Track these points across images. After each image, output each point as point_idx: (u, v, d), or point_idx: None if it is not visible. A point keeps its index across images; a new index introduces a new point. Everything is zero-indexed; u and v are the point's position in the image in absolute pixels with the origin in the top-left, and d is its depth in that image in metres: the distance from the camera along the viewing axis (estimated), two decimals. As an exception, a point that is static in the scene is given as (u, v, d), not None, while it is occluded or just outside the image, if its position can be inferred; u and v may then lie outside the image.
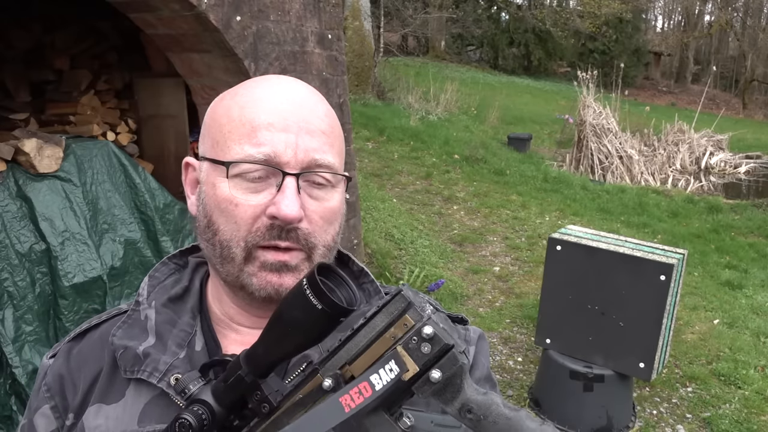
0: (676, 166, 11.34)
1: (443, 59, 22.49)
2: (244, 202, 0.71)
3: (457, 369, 0.52)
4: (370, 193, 6.74)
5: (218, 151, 0.73)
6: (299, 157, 0.70)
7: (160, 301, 0.80)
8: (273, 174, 0.70)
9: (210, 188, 0.73)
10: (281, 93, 0.73)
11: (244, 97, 0.74)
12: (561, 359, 3.37)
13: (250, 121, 0.71)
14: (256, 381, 0.62)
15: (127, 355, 0.75)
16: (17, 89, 3.45)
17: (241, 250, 0.72)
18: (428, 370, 0.52)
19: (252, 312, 0.79)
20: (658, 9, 36.59)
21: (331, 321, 0.57)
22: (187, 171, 0.81)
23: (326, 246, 0.75)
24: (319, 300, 0.55)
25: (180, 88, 3.89)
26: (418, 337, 0.52)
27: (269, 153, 0.69)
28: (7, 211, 2.66)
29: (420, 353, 0.52)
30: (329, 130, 0.74)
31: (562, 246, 3.34)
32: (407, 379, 0.52)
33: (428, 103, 11.88)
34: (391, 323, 0.54)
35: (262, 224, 0.71)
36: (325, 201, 0.74)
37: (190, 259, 0.86)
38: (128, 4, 2.69)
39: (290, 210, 0.69)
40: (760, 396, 3.80)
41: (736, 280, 5.75)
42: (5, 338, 2.52)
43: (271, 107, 0.71)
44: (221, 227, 0.72)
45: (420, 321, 0.53)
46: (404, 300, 0.54)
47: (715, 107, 22.33)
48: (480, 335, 0.89)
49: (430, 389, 0.52)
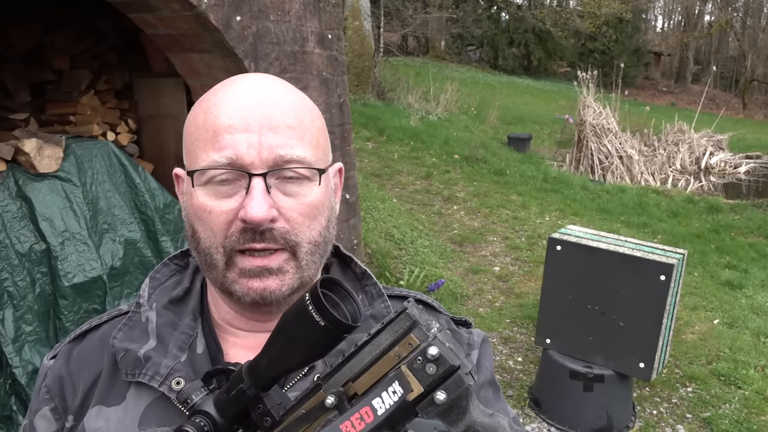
0: (676, 166, 11.34)
1: (443, 59, 22.49)
2: (216, 208, 0.70)
3: (463, 391, 0.51)
4: (370, 193, 6.74)
5: (189, 160, 0.73)
6: (264, 155, 0.69)
7: (161, 303, 0.79)
8: (240, 177, 0.69)
9: (188, 198, 0.74)
10: (243, 92, 0.72)
11: (208, 102, 0.73)
12: (561, 359, 3.37)
13: (212, 126, 0.70)
14: (258, 394, 0.61)
15: (128, 358, 0.75)
16: (17, 89, 3.44)
17: (221, 255, 0.71)
18: (433, 391, 0.51)
19: (247, 316, 0.78)
20: (658, 9, 36.61)
21: (334, 337, 0.56)
22: (178, 182, 0.80)
23: (312, 242, 0.73)
24: (322, 317, 0.54)
25: (180, 88, 3.89)
26: (423, 357, 0.51)
27: (231, 156, 0.68)
28: (7, 211, 2.66)
29: (425, 374, 0.51)
30: (297, 123, 0.71)
31: (562, 246, 3.34)
32: (411, 399, 0.51)
33: (428, 103, 11.88)
34: (396, 342, 0.53)
35: (236, 228, 0.70)
36: (302, 196, 0.71)
37: (191, 261, 0.86)
38: (128, 4, 2.69)
39: (257, 212, 0.67)
40: (760, 396, 3.80)
41: (736, 280, 5.74)
42: (5, 338, 2.52)
43: (231, 108, 0.70)
44: (201, 235, 0.72)
45: (425, 341, 0.51)
46: (409, 318, 0.53)
47: (715, 107, 22.34)
48: (483, 339, 0.88)
49: (434, 410, 0.51)
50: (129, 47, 3.90)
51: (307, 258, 0.73)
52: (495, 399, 0.84)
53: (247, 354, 0.78)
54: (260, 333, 0.79)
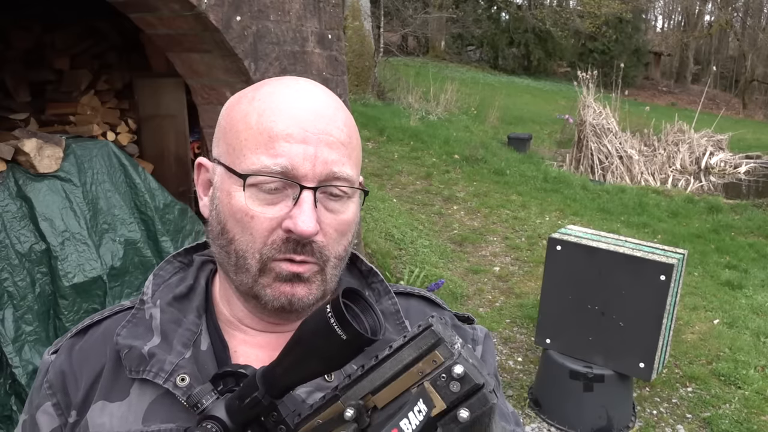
0: (676, 166, 11.34)
1: (443, 59, 22.50)
2: (260, 214, 0.69)
3: (487, 409, 0.50)
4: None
5: (234, 159, 0.71)
6: (317, 170, 0.69)
7: (165, 300, 0.79)
8: (290, 186, 0.69)
9: (225, 195, 0.72)
10: (301, 100, 0.71)
11: (262, 103, 0.72)
12: (561, 359, 3.37)
13: (267, 131, 0.69)
14: (273, 402, 0.61)
15: (132, 355, 0.75)
16: (17, 89, 3.44)
17: (257, 261, 0.71)
18: (456, 408, 0.50)
19: (263, 318, 0.78)
20: (658, 9, 36.61)
21: (354, 350, 0.55)
22: (200, 172, 0.79)
23: (338, 257, 0.74)
24: (344, 330, 0.53)
25: (180, 88, 3.89)
26: (447, 375, 0.50)
27: (287, 165, 0.68)
28: (7, 211, 2.66)
29: (449, 391, 0.50)
30: (348, 141, 0.72)
31: (562, 246, 3.34)
32: (434, 415, 0.51)
33: (428, 103, 11.89)
34: (419, 358, 0.52)
35: (278, 237, 0.70)
36: (341, 213, 0.72)
37: (195, 257, 0.86)
38: (128, 4, 2.69)
39: (307, 226, 0.67)
40: (760, 396, 3.80)
41: (736, 280, 5.74)
42: (5, 338, 2.52)
43: (289, 116, 0.69)
44: (237, 237, 0.71)
45: (450, 359, 0.51)
46: (434, 335, 0.52)
47: (715, 107, 22.33)
48: (486, 334, 0.90)
49: (456, 427, 0.51)
50: (129, 47, 3.90)
51: (332, 272, 0.74)
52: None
53: (254, 351, 0.78)
54: (271, 333, 0.79)
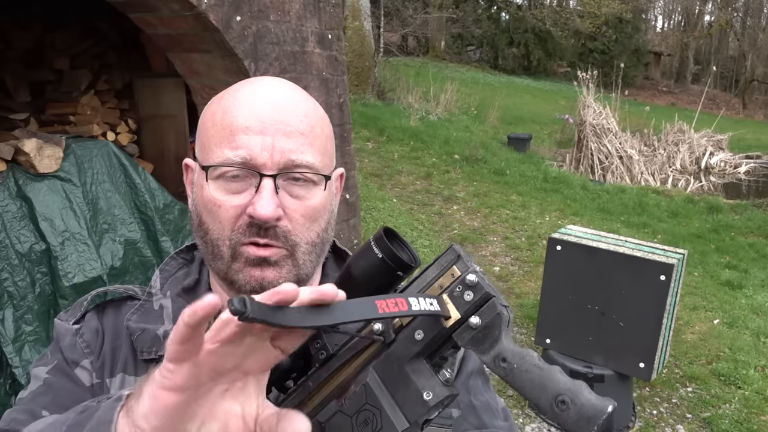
0: (676, 166, 11.34)
1: (443, 59, 22.49)
2: (226, 202, 0.75)
3: (496, 317, 0.54)
4: (370, 193, 6.75)
5: (203, 155, 0.77)
6: (275, 158, 0.73)
7: (174, 291, 0.85)
8: (252, 176, 0.74)
9: (199, 189, 0.78)
10: (261, 95, 0.76)
11: (227, 101, 0.77)
12: (561, 359, 3.37)
13: (229, 125, 0.74)
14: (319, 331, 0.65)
15: (146, 337, 0.79)
16: (17, 89, 3.44)
17: (228, 248, 0.76)
18: (469, 317, 0.54)
19: None
20: (658, 9, 36.60)
21: (391, 274, 0.61)
22: (187, 172, 0.85)
23: (310, 243, 0.78)
24: (381, 251, 0.60)
25: (180, 88, 3.89)
26: (462, 285, 0.55)
27: (245, 156, 0.73)
28: (7, 211, 2.66)
29: (463, 300, 0.55)
30: (308, 130, 0.76)
31: (562, 246, 3.34)
32: (449, 325, 0.55)
33: (428, 103, 11.88)
34: (440, 274, 0.57)
35: (243, 222, 0.74)
36: (306, 199, 0.76)
37: (197, 254, 0.90)
38: (128, 4, 2.69)
39: (265, 210, 0.72)
40: (760, 396, 3.80)
41: (736, 280, 5.74)
42: (5, 338, 2.52)
43: (250, 111, 0.74)
44: (210, 227, 0.77)
45: (466, 271, 0.55)
46: (454, 253, 0.57)
47: (715, 107, 22.33)
48: None
49: (468, 335, 0.54)
50: (129, 47, 3.90)
51: (304, 257, 0.78)
52: (485, 389, 0.87)
53: None
54: None
